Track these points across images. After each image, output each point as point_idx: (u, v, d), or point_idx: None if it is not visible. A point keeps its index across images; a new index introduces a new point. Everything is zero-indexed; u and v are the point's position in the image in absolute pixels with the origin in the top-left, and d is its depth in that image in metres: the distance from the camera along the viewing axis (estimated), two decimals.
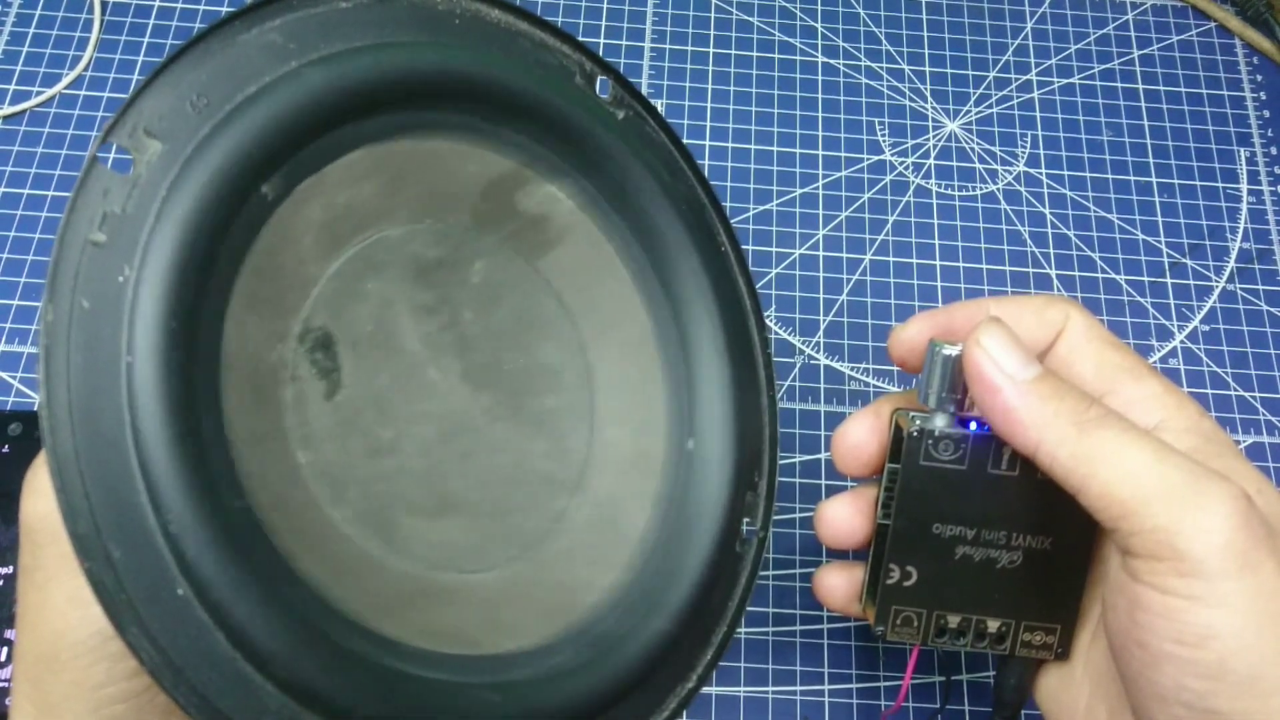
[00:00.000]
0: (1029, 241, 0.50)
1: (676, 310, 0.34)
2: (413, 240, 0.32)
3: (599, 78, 0.34)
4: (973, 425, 0.30)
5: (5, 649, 0.38)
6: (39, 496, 0.26)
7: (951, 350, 0.30)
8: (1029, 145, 0.52)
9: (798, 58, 0.54)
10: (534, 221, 0.34)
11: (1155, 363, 0.47)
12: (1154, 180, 0.52)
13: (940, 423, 0.30)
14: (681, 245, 0.34)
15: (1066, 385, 0.28)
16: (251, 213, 0.27)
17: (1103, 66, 0.54)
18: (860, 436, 0.32)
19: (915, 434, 0.30)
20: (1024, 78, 0.54)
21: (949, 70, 0.54)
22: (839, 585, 0.34)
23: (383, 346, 0.31)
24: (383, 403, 0.31)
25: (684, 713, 0.32)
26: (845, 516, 0.33)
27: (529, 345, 0.34)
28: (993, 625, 0.32)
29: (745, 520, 0.34)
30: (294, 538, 0.26)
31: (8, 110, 0.49)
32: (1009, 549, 0.31)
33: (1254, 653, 0.24)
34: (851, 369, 0.47)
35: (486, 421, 0.33)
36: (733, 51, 0.53)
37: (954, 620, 0.32)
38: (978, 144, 0.52)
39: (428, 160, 0.31)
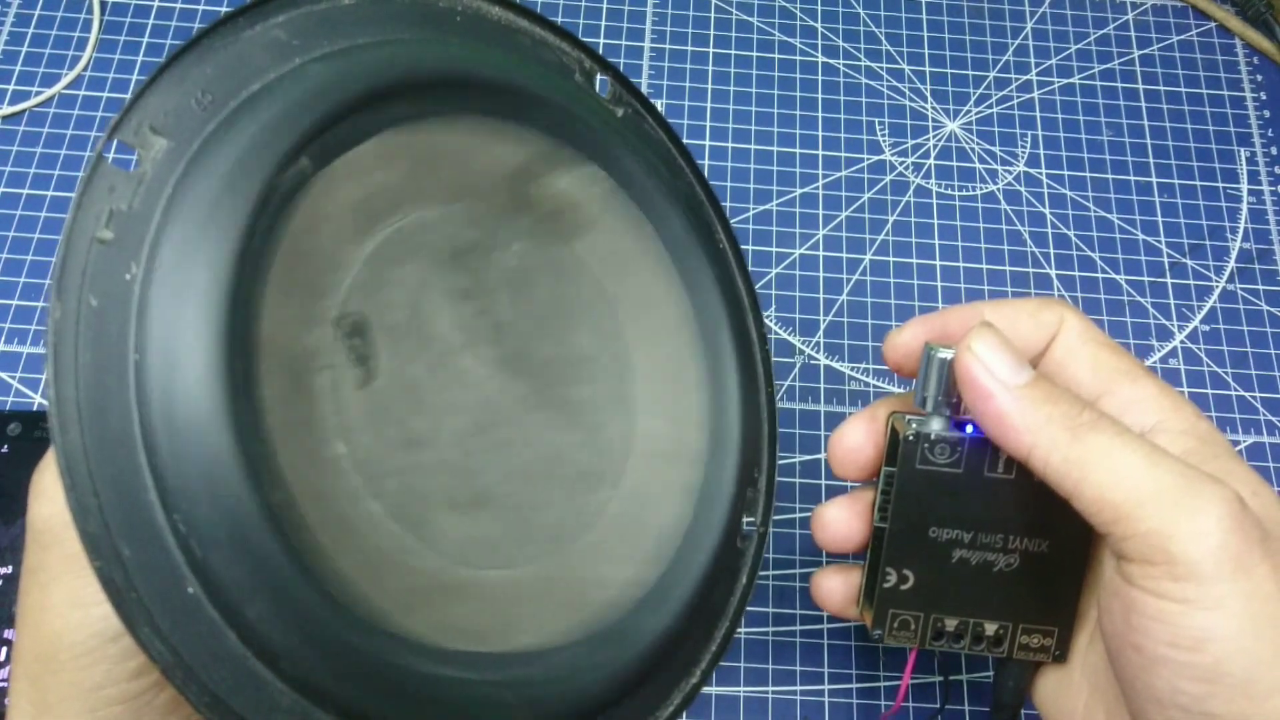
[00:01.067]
0: (1029, 241, 0.50)
1: (701, 300, 0.34)
2: (447, 222, 0.31)
3: (598, 75, 0.34)
4: (969, 428, 0.30)
5: (5, 649, 0.38)
6: (44, 499, 0.26)
7: (947, 354, 0.30)
8: (1029, 145, 0.52)
9: (798, 58, 0.54)
10: (571, 203, 0.33)
11: (1155, 363, 0.47)
12: (1154, 180, 0.52)
13: (936, 426, 0.30)
14: (682, 242, 0.34)
15: (1059, 389, 0.28)
16: (279, 196, 0.26)
17: (1103, 66, 0.54)
18: (856, 440, 0.32)
19: (911, 438, 0.30)
20: (1024, 78, 0.54)
21: (949, 70, 0.54)
22: (837, 589, 0.34)
23: (417, 333, 0.31)
24: (418, 391, 0.30)
25: (686, 710, 0.32)
26: (842, 520, 0.33)
27: (564, 331, 0.34)
28: (990, 628, 0.31)
29: (746, 516, 0.34)
30: (328, 530, 0.26)
31: (7, 110, 0.49)
32: (1006, 552, 0.31)
33: (1249, 655, 0.24)
34: (851, 369, 0.47)
35: (522, 411, 0.32)
36: (733, 51, 0.53)
37: (951, 623, 0.32)
38: (978, 144, 0.52)
39: (461, 140, 0.31)
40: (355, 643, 0.25)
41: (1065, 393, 0.28)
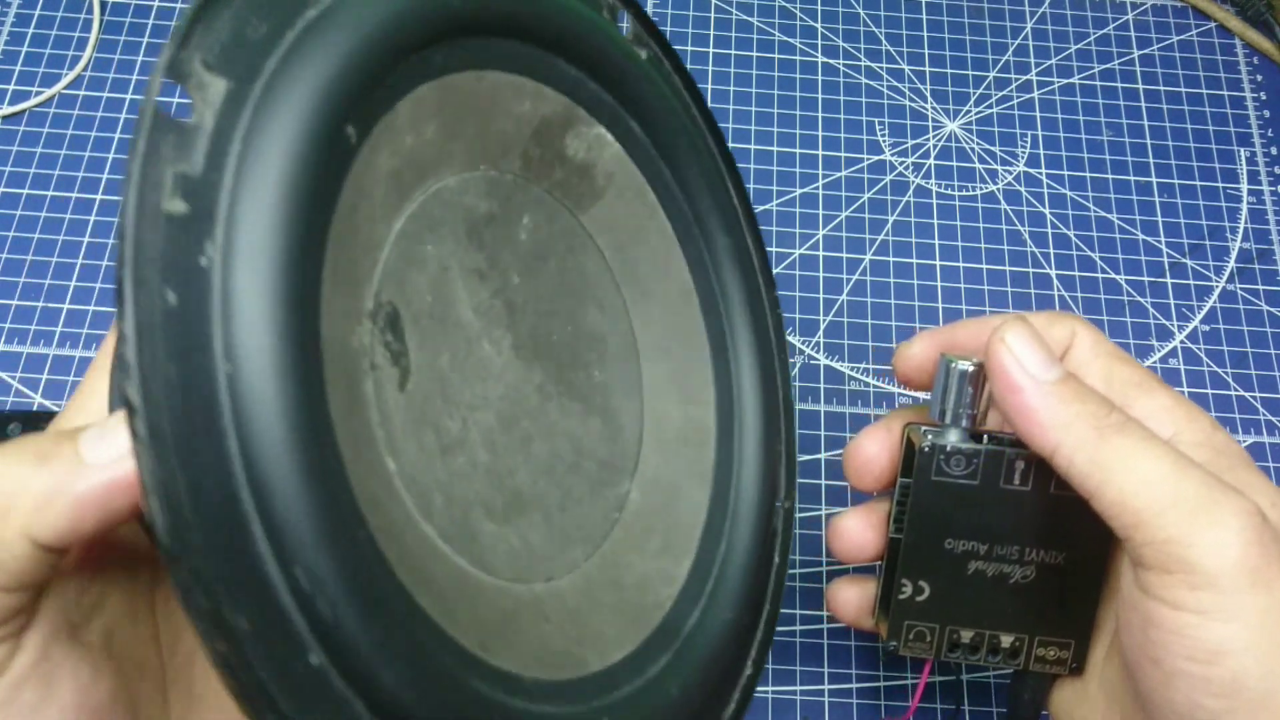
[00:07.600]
0: (1029, 241, 0.50)
1: (710, 267, 0.33)
2: (467, 191, 0.29)
3: (620, 11, 0.32)
4: (985, 440, 0.30)
5: None
6: None
7: (964, 365, 0.30)
8: (1029, 145, 0.52)
9: (798, 58, 0.54)
10: (580, 169, 0.32)
11: (1155, 363, 0.47)
12: (1154, 180, 0.52)
13: (952, 438, 0.30)
14: (697, 202, 0.32)
15: (1088, 389, 0.28)
16: (336, 165, 0.22)
17: (1103, 66, 0.54)
18: (872, 451, 0.32)
19: (927, 449, 0.30)
20: (1024, 78, 0.54)
21: (949, 70, 0.54)
22: (852, 599, 0.34)
23: (441, 320, 0.28)
24: (447, 388, 0.27)
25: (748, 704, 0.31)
26: (858, 530, 0.33)
27: (574, 310, 0.32)
28: (1006, 640, 0.31)
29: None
30: (404, 564, 0.22)
31: (7, 110, 0.49)
32: (1022, 564, 0.31)
33: (1266, 669, 0.24)
34: (851, 369, 0.47)
35: (540, 400, 0.30)
36: (733, 51, 0.53)
37: (967, 635, 0.31)
38: (978, 144, 0.52)
39: (485, 97, 0.28)
40: (479, 696, 0.22)
41: (1094, 393, 0.28)
